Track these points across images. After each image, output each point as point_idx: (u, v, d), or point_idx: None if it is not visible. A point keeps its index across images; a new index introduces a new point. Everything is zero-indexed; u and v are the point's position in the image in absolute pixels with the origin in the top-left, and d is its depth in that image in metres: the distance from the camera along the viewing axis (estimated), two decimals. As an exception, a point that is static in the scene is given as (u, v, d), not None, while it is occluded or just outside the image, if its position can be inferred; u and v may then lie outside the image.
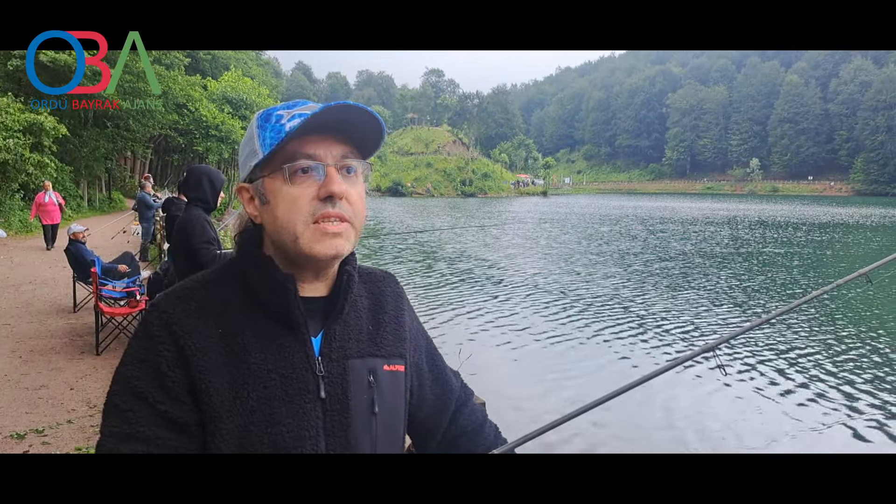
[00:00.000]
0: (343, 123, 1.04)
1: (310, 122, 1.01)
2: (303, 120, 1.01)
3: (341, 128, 1.05)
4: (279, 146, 1.03)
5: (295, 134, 1.01)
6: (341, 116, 1.03)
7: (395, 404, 1.15)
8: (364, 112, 1.03)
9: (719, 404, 7.17)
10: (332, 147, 1.05)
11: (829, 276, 16.93)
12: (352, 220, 1.05)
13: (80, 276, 8.63)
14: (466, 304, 12.37)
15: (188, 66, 33.23)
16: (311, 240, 1.02)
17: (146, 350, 0.99)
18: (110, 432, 0.95)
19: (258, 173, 1.06)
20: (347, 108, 1.02)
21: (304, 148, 1.03)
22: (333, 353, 1.07)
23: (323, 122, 1.03)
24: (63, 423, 4.87)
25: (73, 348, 6.90)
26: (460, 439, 1.35)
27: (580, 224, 36.29)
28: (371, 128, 1.07)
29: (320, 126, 1.03)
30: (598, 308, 12.26)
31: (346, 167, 1.05)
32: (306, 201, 1.02)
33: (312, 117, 1.01)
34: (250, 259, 1.08)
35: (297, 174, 1.02)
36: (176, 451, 0.95)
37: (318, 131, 1.04)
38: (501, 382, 7.67)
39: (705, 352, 1.71)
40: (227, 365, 0.99)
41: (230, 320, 1.02)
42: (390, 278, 1.27)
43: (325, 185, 1.02)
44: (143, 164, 41.70)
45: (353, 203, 1.05)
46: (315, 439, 1.02)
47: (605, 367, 8.56)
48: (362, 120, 1.05)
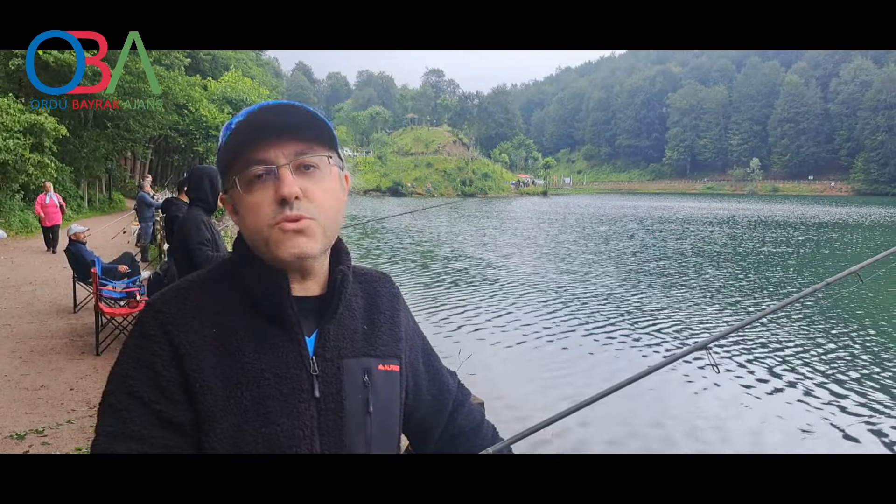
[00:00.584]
0: (285, 122, 1.02)
1: (245, 127, 1.01)
2: (229, 130, 1.02)
3: (286, 127, 1.03)
4: (233, 156, 1.04)
5: (244, 141, 1.02)
6: (276, 116, 1.02)
7: (391, 404, 1.15)
8: (293, 108, 1.02)
9: (711, 402, 7.18)
10: (284, 147, 1.02)
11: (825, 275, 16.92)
12: (315, 217, 1.02)
13: (81, 276, 8.64)
14: (464, 304, 12.37)
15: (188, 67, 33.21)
16: (277, 243, 1.01)
17: (141, 349, 0.99)
18: (105, 432, 0.96)
19: (227, 184, 1.07)
20: (274, 107, 1.01)
21: (256, 154, 1.02)
22: (328, 352, 1.07)
23: (264, 124, 1.02)
24: (63, 424, 4.88)
25: (74, 349, 6.91)
26: (458, 439, 1.36)
27: (578, 224, 36.26)
28: (313, 120, 1.04)
29: (263, 128, 1.02)
30: (594, 307, 12.28)
31: (302, 164, 1.03)
32: (265, 206, 1.01)
33: (238, 125, 1.01)
34: (243, 259, 1.08)
35: (253, 181, 1.02)
36: (170, 450, 0.95)
37: (267, 134, 1.02)
38: (500, 382, 7.67)
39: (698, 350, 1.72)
40: (221, 364, 1.00)
41: (225, 320, 1.03)
42: (385, 278, 1.27)
43: (277, 189, 1.00)
44: (143, 165, 41.71)
45: (315, 200, 1.03)
46: (309, 439, 1.02)
47: (601, 365, 8.59)
48: (299, 114, 1.02)
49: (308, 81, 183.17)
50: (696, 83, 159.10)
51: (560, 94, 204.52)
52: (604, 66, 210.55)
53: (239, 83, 39.12)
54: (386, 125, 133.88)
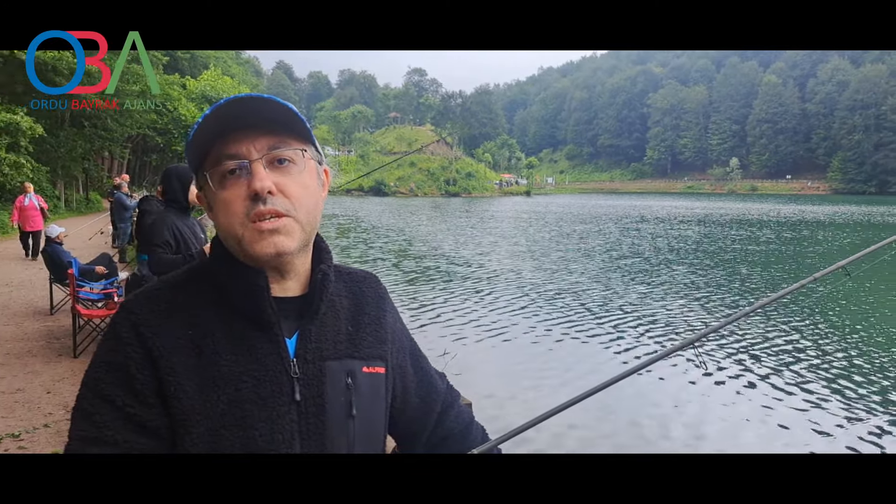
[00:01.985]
0: (255, 116, 0.99)
1: (212, 121, 0.98)
2: (197, 125, 0.98)
3: (257, 121, 0.99)
4: (204, 151, 1.01)
5: (212, 136, 0.99)
6: (247, 109, 0.98)
7: (375, 407, 1.12)
8: (263, 100, 0.98)
9: (699, 398, 7.24)
10: (256, 141, 0.99)
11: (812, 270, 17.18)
12: (291, 213, 1.00)
13: (57, 277, 8.51)
14: (449, 305, 12.36)
15: (166, 65, 32.92)
16: (251, 241, 0.98)
17: (114, 352, 0.96)
18: (78, 436, 0.93)
19: (200, 181, 1.04)
20: (241, 101, 0.97)
21: (227, 148, 0.99)
22: (309, 354, 1.04)
23: (233, 118, 0.98)
24: (40, 427, 4.79)
25: (50, 351, 6.79)
26: (447, 441, 1.33)
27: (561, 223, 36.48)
28: (285, 113, 1.00)
29: (233, 122, 0.99)
30: (580, 306, 12.33)
31: (276, 159, 1.00)
32: (238, 202, 0.98)
33: (206, 119, 0.98)
34: (220, 258, 1.05)
35: (225, 177, 0.99)
36: (145, 454, 0.93)
37: (238, 129, 0.99)
38: (486, 382, 7.67)
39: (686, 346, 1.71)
40: (196, 367, 0.97)
41: (201, 321, 1.00)
42: (371, 278, 1.24)
43: (250, 184, 0.97)
44: (120, 165, 41.18)
45: (290, 195, 1.00)
46: (289, 442, 0.99)
47: (589, 363, 8.61)
48: (270, 107, 0.99)
49: (289, 80, 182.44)
50: (676, 83, 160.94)
51: (542, 94, 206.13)
52: (585, 66, 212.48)
53: (218, 82, 38.79)
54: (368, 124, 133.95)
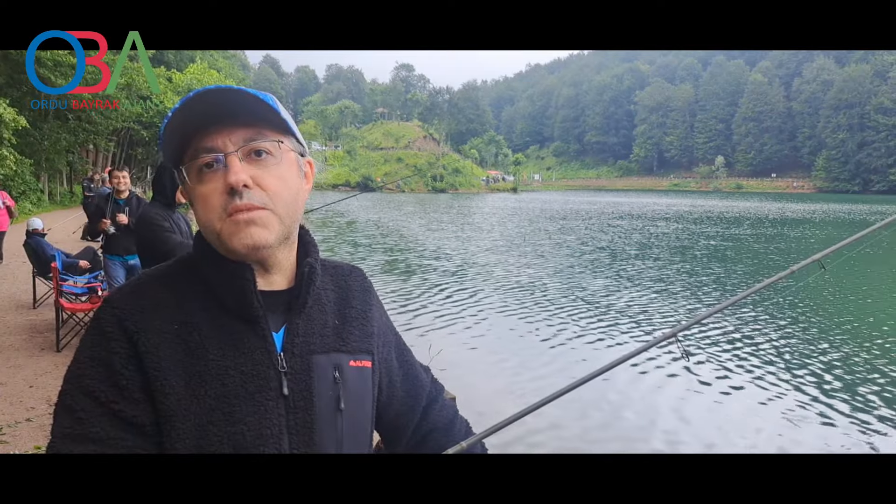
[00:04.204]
0: (231, 108, 0.98)
1: (182, 115, 0.96)
2: (167, 119, 0.98)
3: (232, 112, 0.98)
4: (178, 146, 1.00)
5: (183, 130, 0.98)
6: (220, 101, 0.97)
7: (362, 401, 1.12)
8: (236, 91, 0.96)
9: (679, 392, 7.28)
10: (232, 134, 0.98)
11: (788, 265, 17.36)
12: (269, 206, 0.99)
13: (40, 271, 8.43)
14: (434, 300, 12.36)
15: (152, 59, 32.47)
16: (230, 234, 0.97)
17: (98, 348, 0.95)
18: (61, 433, 0.91)
19: (180, 176, 1.03)
20: (214, 92, 0.95)
21: (204, 142, 0.98)
22: (296, 348, 1.04)
23: (205, 112, 0.97)
24: (22, 422, 4.75)
25: (33, 345, 6.73)
26: (431, 435, 1.34)
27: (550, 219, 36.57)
28: (258, 104, 0.99)
29: (205, 116, 0.97)
30: (563, 301, 12.38)
31: (253, 151, 0.99)
32: (216, 196, 0.97)
33: (175, 114, 0.96)
34: (204, 252, 1.04)
35: (202, 171, 0.99)
36: (131, 451, 0.91)
37: (214, 122, 0.98)
38: (471, 377, 7.68)
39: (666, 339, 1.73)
40: (182, 362, 0.96)
41: (186, 316, 0.99)
42: (357, 272, 1.24)
43: (226, 177, 0.97)
44: (105, 158, 40.73)
45: (267, 188, 0.99)
46: (277, 437, 0.98)
47: (570, 358, 8.66)
48: (243, 99, 0.97)
49: (276, 75, 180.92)
50: (663, 81, 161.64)
51: (530, 90, 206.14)
52: (573, 64, 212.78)
53: (205, 75, 38.37)
54: (355, 119, 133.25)
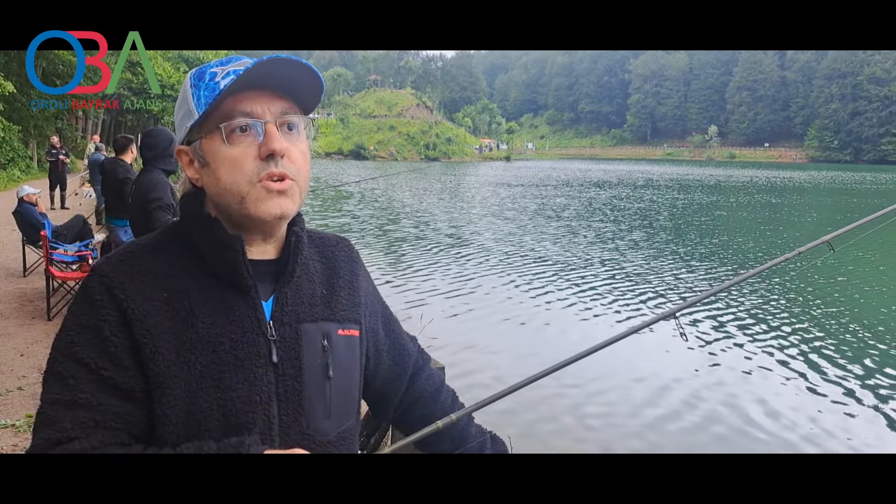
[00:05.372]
0: (280, 79, 1.00)
1: (245, 77, 0.97)
2: (237, 76, 0.97)
3: (279, 83, 1.01)
4: (214, 105, 0.99)
5: (230, 91, 0.98)
6: (278, 71, 0.99)
7: (350, 369, 1.13)
8: (301, 66, 0.99)
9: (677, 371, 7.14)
10: (271, 103, 1.01)
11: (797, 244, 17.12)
12: (296, 178, 1.02)
13: (30, 238, 8.35)
14: (425, 269, 12.34)
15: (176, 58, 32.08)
16: (257, 200, 0.99)
17: (87, 315, 0.95)
18: (51, 400, 0.92)
19: (195, 135, 1.02)
20: (283, 62, 0.97)
21: (241, 105, 0.99)
22: (286, 316, 1.05)
23: (259, 78, 0.99)
24: (14, 391, 4.75)
25: (23, 314, 6.71)
26: (417, 404, 1.36)
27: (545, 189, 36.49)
28: (309, 82, 1.03)
29: (257, 82, 0.99)
30: (559, 273, 12.36)
31: (286, 124, 1.02)
32: (248, 161, 0.98)
33: (247, 72, 0.97)
34: (195, 219, 1.04)
35: (235, 133, 0.99)
36: (120, 417, 0.93)
37: (255, 87, 1.00)
38: (461, 348, 7.69)
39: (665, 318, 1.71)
40: (172, 329, 0.96)
41: (176, 284, 0.99)
42: (344, 242, 1.24)
43: (266, 144, 0.98)
44: (95, 125, 40.23)
45: (294, 161, 1.02)
46: (266, 405, 1.00)
47: (565, 333, 8.59)
48: (300, 74, 1.01)
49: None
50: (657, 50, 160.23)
51: (524, 58, 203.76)
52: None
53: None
54: (348, 87, 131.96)
